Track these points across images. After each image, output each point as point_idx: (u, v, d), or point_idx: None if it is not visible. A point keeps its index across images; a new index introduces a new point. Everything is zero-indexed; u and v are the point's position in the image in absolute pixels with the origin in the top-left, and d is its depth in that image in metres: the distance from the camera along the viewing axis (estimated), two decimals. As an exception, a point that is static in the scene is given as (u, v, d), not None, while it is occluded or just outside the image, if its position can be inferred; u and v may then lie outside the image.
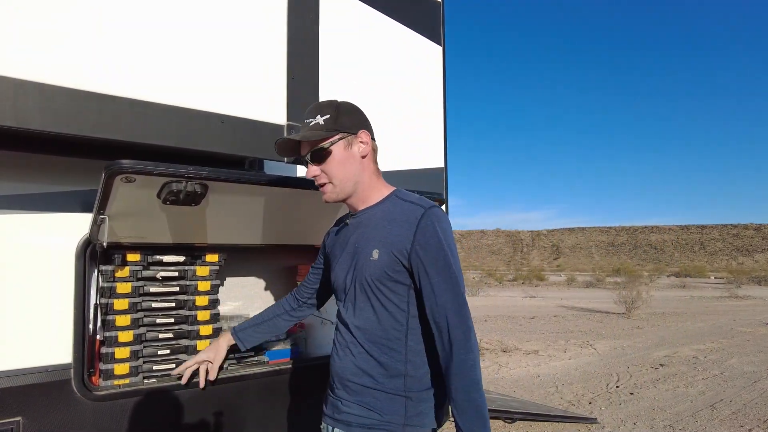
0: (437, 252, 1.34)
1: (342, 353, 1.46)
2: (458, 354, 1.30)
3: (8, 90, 1.33)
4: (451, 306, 1.32)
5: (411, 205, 1.41)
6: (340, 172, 1.42)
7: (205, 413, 1.93)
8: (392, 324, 1.38)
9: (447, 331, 1.32)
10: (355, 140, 1.45)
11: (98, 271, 1.85)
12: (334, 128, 1.41)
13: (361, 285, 1.40)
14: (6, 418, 1.58)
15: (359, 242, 1.44)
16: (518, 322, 13.11)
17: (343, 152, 1.43)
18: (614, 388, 6.41)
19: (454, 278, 1.35)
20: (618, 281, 27.24)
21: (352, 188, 1.45)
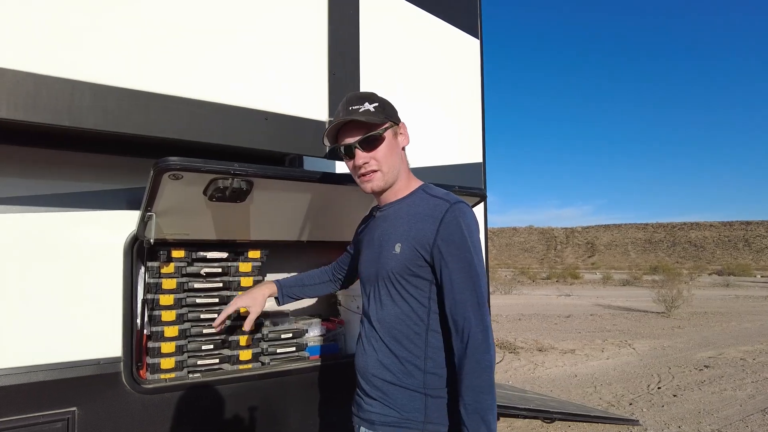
0: (460, 248, 1.31)
1: (365, 347, 1.47)
2: (473, 354, 1.27)
3: (65, 90, 1.37)
4: (470, 304, 1.29)
5: (436, 200, 1.39)
6: (390, 160, 1.42)
7: (248, 407, 1.96)
8: (413, 319, 1.37)
9: (464, 330, 1.29)
10: (399, 130, 1.47)
11: (145, 268, 1.89)
12: (384, 115, 1.40)
13: (384, 279, 1.40)
14: (62, 408, 1.64)
15: (384, 236, 1.43)
16: (553, 321, 12.86)
17: (392, 141, 1.43)
18: (656, 389, 6.21)
19: (476, 276, 1.32)
20: (656, 279, 26.41)
21: (395, 178, 1.44)
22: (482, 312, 1.30)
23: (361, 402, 1.46)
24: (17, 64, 1.34)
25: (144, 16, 1.57)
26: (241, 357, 2.02)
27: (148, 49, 1.57)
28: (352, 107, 1.39)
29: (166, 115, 1.54)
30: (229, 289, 2.03)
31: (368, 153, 1.40)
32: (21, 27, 1.35)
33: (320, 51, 1.92)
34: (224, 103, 1.66)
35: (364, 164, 1.41)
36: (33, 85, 1.34)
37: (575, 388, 6.31)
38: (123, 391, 1.74)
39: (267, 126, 1.75)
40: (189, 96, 1.59)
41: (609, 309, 16.09)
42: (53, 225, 1.70)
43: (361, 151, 1.40)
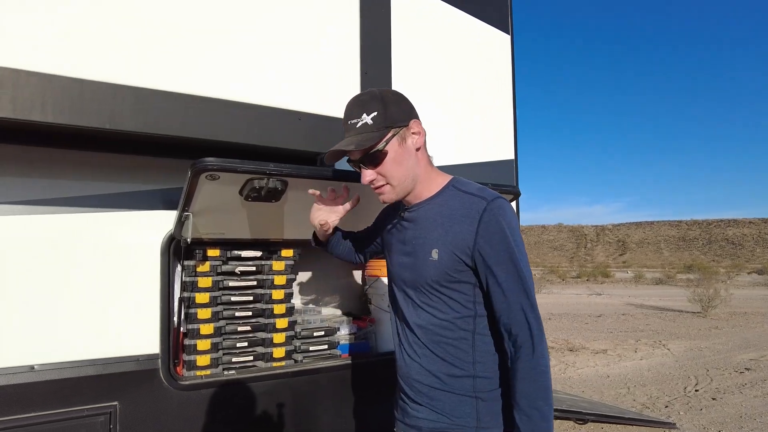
0: (503, 249, 1.22)
1: (406, 353, 1.39)
2: (527, 358, 1.19)
3: (107, 94, 1.40)
4: (521, 307, 1.21)
5: (471, 198, 1.27)
6: (398, 172, 1.30)
7: (281, 404, 1.98)
8: (458, 325, 1.29)
9: (517, 334, 1.21)
10: (408, 132, 1.31)
11: (181, 266, 1.93)
12: (384, 125, 1.26)
13: (423, 287, 1.31)
14: (105, 402, 1.69)
15: (417, 241, 1.33)
16: (584, 321, 12.61)
17: (398, 149, 1.29)
18: (693, 391, 6.02)
19: (523, 277, 1.23)
20: (691, 278, 25.62)
21: (411, 185, 1.33)
22: (534, 314, 1.22)
23: (406, 407, 1.38)
24: (64, 70, 1.39)
25: (181, 21, 1.60)
26: (275, 354, 2.05)
27: (185, 52, 1.60)
28: (350, 121, 1.29)
29: (202, 117, 1.57)
30: (263, 287, 2.06)
31: (374, 169, 1.30)
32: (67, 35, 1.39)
33: (352, 50, 1.92)
34: (258, 104, 1.68)
35: (371, 181, 1.32)
36: (78, 90, 1.38)
37: (608, 389, 6.18)
38: (161, 387, 1.78)
39: (300, 126, 1.76)
40: (225, 97, 1.62)
41: (641, 308, 15.69)
42: (94, 225, 1.75)
43: (365, 168, 1.30)
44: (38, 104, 1.31)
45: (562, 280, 34.98)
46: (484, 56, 2.63)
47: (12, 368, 1.60)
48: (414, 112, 1.34)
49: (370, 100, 1.28)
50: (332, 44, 1.90)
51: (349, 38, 1.92)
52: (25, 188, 1.68)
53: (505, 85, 2.73)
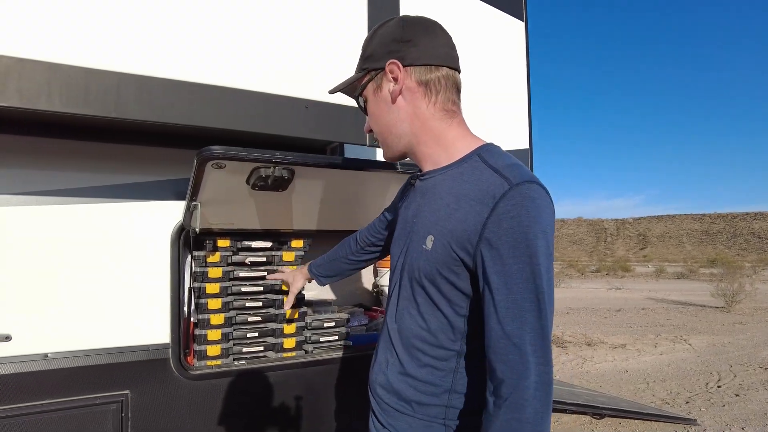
0: (517, 256, 0.85)
1: (377, 356, 1.15)
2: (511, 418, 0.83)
3: (112, 83, 1.40)
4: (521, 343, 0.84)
5: (493, 176, 0.91)
6: (375, 124, 1.10)
7: (292, 395, 1.98)
8: (439, 339, 0.99)
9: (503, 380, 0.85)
10: (385, 78, 1.03)
11: (191, 257, 1.94)
12: (362, 67, 1.07)
13: (409, 278, 1.04)
14: (116, 391, 1.70)
15: (417, 219, 1.05)
16: (603, 315, 12.45)
17: (372, 98, 1.07)
18: (715, 387, 5.89)
19: (539, 300, 0.85)
20: (714, 272, 25.06)
21: (398, 143, 1.06)
22: (539, 357, 0.84)
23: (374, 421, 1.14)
24: (70, 58, 1.39)
25: (185, 8, 1.59)
26: (285, 345, 2.04)
27: (189, 39, 1.59)
28: None
29: (207, 105, 1.56)
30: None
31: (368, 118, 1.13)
32: (72, 23, 1.40)
33: (360, 36, 1.89)
34: (265, 92, 1.67)
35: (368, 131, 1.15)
36: (83, 79, 1.39)
37: (626, 384, 6.08)
38: (171, 377, 1.79)
39: (307, 114, 1.74)
40: (230, 85, 1.61)
41: (662, 303, 15.42)
42: (104, 216, 1.76)
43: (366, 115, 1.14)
44: (44, 93, 1.31)
45: (581, 275, 34.57)
46: (497, 43, 2.58)
47: (26, 356, 1.62)
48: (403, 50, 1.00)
49: (371, 32, 1.08)
50: (340, 31, 1.88)
51: (357, 24, 1.90)
52: (36, 179, 1.70)
53: (519, 73, 2.67)
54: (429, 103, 1.02)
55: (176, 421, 1.79)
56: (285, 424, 1.98)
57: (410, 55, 1.00)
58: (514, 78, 2.64)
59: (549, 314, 0.87)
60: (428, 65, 1.01)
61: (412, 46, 1.00)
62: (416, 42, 1.01)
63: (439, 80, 1.02)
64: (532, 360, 0.84)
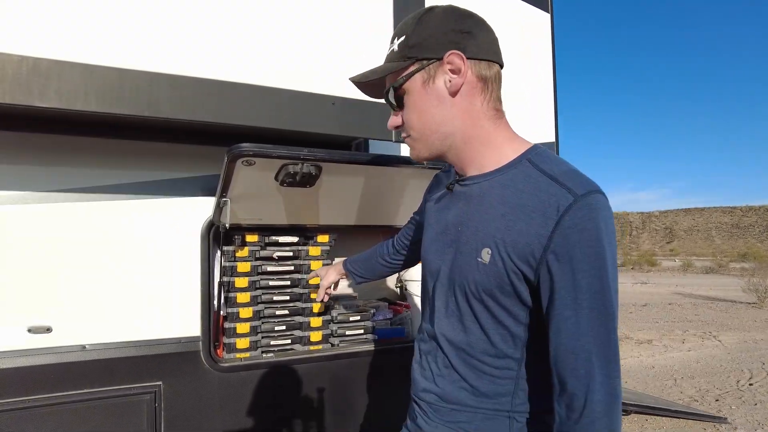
0: (587, 271, 0.82)
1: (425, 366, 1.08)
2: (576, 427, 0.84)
3: (144, 82, 1.44)
4: (592, 357, 0.83)
5: (551, 185, 0.87)
6: (417, 121, 0.97)
7: (318, 386, 2.01)
8: (501, 350, 0.95)
9: (575, 394, 0.84)
10: (441, 69, 0.94)
11: (221, 251, 1.98)
12: (408, 55, 0.94)
13: (462, 291, 0.97)
14: (150, 382, 1.76)
15: (463, 228, 0.98)
16: (628, 310, 12.24)
17: (420, 90, 0.95)
18: (747, 385, 5.75)
19: (608, 314, 0.84)
20: (745, 267, 24.39)
21: (442, 143, 0.98)
22: (610, 370, 0.83)
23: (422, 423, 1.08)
24: (104, 60, 1.43)
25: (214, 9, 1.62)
26: (312, 338, 2.08)
27: (218, 39, 1.62)
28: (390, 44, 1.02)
29: (236, 103, 1.59)
30: (300, 272, 2.08)
31: (398, 113, 1.01)
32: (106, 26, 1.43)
33: (386, 31, 1.89)
34: (292, 89, 1.69)
35: (395, 127, 1.03)
36: (117, 79, 1.42)
37: (653, 380, 5.98)
38: (202, 369, 1.84)
39: (334, 111, 1.76)
40: (258, 83, 1.63)
41: (690, 298, 15.08)
42: (137, 212, 1.81)
43: (393, 109, 1.02)
44: (81, 94, 1.36)
45: (606, 269, 33.97)
46: (523, 36, 2.55)
47: (66, 347, 1.69)
48: (464, 41, 0.93)
49: (410, 20, 0.97)
50: (365, 27, 1.88)
51: (382, 21, 1.90)
52: (76, 177, 1.76)
53: (545, 66, 2.64)
54: (483, 100, 0.96)
55: (207, 411, 1.84)
56: (311, 415, 2.01)
57: (471, 48, 0.93)
58: (540, 70, 2.61)
59: (616, 326, 0.85)
60: (488, 60, 0.96)
61: (472, 39, 0.94)
62: (475, 35, 0.95)
63: (494, 77, 0.98)
64: (601, 374, 0.83)
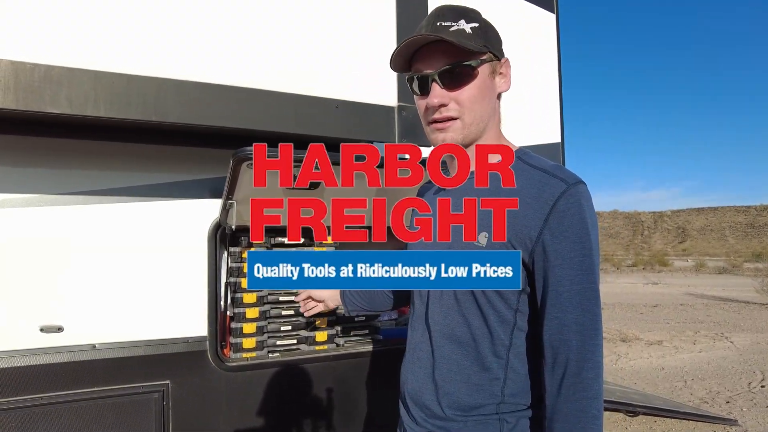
0: (578, 250, 0.94)
1: (417, 364, 1.12)
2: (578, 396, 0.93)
3: (151, 88, 1.47)
4: (583, 329, 0.94)
5: (544, 177, 0.98)
6: (478, 106, 1.02)
7: (324, 386, 2.04)
8: (492, 338, 1.01)
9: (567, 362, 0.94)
10: (499, 68, 1.06)
11: (227, 253, 2.01)
12: (484, 43, 1.01)
13: None
14: (157, 380, 1.79)
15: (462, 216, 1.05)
16: (639, 311, 12.14)
17: (486, 80, 1.03)
18: (758, 387, 5.69)
19: (594, 291, 0.96)
20: (760, 267, 24.05)
21: (479, 133, 1.06)
22: (596, 342, 0.94)
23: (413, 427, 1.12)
24: (112, 66, 1.46)
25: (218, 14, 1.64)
26: (317, 338, 2.10)
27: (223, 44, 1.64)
28: (441, 23, 1.00)
29: (242, 107, 1.61)
30: (305, 274, 2.11)
31: (449, 91, 1.01)
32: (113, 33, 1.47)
33: (389, 35, 1.91)
34: (296, 93, 1.71)
35: (441, 106, 1.02)
36: (125, 85, 1.46)
37: (662, 381, 5.94)
38: (209, 368, 1.87)
39: (338, 114, 1.78)
40: (263, 87, 1.65)
41: (702, 298, 14.91)
42: (145, 214, 1.85)
43: (439, 86, 1.01)
44: (91, 99, 1.39)
45: (617, 269, 33.75)
46: (528, 36, 2.55)
47: (76, 346, 1.73)
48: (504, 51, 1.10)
49: (470, 11, 1.04)
50: (369, 31, 1.90)
51: (385, 24, 1.92)
52: (83, 180, 1.79)
53: (551, 65, 2.64)
54: (501, 107, 1.12)
55: (214, 410, 1.87)
56: (316, 415, 2.04)
57: None
58: (545, 71, 2.61)
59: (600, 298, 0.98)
60: None
61: None
62: None
63: None
64: (592, 343, 0.94)
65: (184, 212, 1.90)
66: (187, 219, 1.90)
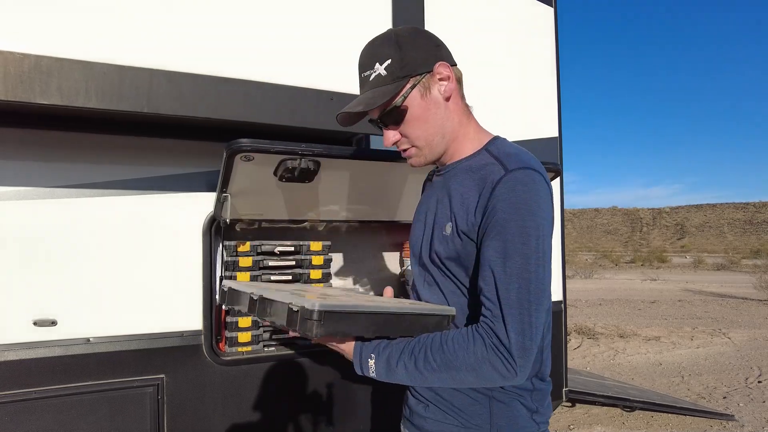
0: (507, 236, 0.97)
1: None
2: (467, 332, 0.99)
3: (143, 79, 1.46)
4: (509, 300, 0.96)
5: (493, 164, 1.04)
6: (423, 130, 1.09)
7: (319, 380, 2.03)
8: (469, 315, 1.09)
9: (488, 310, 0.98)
10: (433, 80, 1.08)
11: (223, 246, 2.00)
12: (401, 75, 1.05)
13: (434, 264, 1.13)
14: (153, 374, 1.79)
15: (437, 209, 1.15)
16: (637, 307, 12.16)
17: (421, 103, 1.07)
18: (756, 383, 5.70)
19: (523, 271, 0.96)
20: (758, 264, 24.10)
21: (442, 144, 1.12)
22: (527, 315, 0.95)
23: (411, 404, 1.22)
24: (104, 57, 1.45)
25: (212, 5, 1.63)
26: (313, 333, 2.09)
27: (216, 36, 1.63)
28: (363, 73, 1.10)
29: (235, 99, 1.60)
30: (302, 267, 2.10)
31: (395, 129, 1.10)
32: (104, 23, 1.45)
33: (385, 25, 1.89)
34: (291, 85, 1.70)
35: (395, 143, 1.13)
36: (117, 76, 1.44)
37: (660, 377, 5.95)
38: (204, 362, 1.86)
39: (333, 106, 1.76)
40: (257, 79, 1.64)
41: (700, 295, 14.94)
42: (139, 207, 1.84)
43: (386, 128, 1.11)
44: (82, 91, 1.37)
45: (615, 265, 33.79)
46: (526, 30, 2.54)
47: (70, 340, 1.72)
48: (441, 52, 1.10)
49: (383, 44, 1.08)
50: (363, 22, 1.88)
51: (381, 14, 1.90)
52: (76, 172, 1.78)
53: (548, 60, 2.62)
54: (461, 98, 1.14)
55: (209, 403, 1.86)
56: (312, 408, 2.03)
57: (446, 56, 1.11)
58: (543, 65, 2.60)
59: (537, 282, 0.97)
60: (455, 64, 1.13)
61: (443, 50, 1.11)
62: (441, 46, 1.12)
63: (461, 77, 1.15)
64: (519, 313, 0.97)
65: (179, 206, 1.88)
66: (181, 212, 1.89)
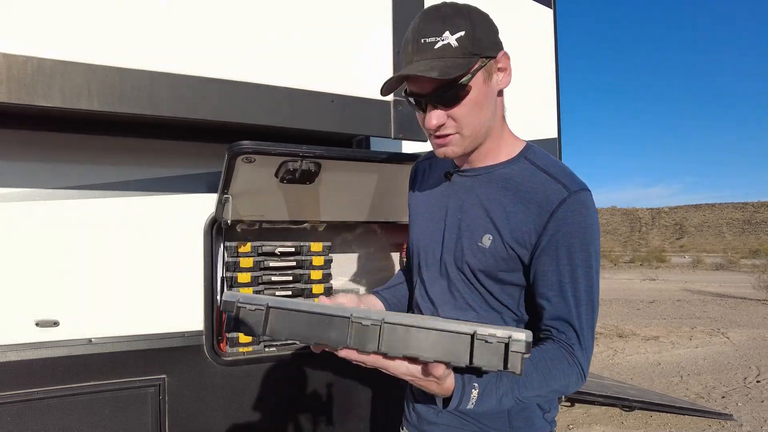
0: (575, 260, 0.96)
1: None
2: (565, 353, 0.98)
3: (144, 81, 1.46)
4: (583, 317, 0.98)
5: (549, 181, 0.98)
6: (476, 118, 0.98)
7: (320, 380, 2.04)
8: None
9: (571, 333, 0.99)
10: (495, 67, 0.99)
11: (224, 247, 2.01)
12: (472, 51, 0.94)
13: (466, 277, 1.06)
14: (154, 375, 1.80)
15: (466, 215, 1.06)
16: (636, 306, 12.18)
17: (482, 87, 0.97)
18: (754, 382, 5.72)
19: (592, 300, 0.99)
20: (757, 264, 24.13)
21: (483, 138, 1.03)
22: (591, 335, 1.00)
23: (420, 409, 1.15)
24: (106, 59, 1.45)
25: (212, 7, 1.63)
26: (314, 333, 2.10)
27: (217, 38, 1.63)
28: (425, 39, 0.94)
29: (236, 101, 1.61)
30: (302, 268, 2.11)
31: (445, 110, 0.97)
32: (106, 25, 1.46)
33: (385, 29, 1.90)
34: (291, 87, 1.71)
35: (439, 126, 0.99)
36: (119, 78, 1.45)
37: (659, 377, 5.97)
38: (205, 363, 1.87)
39: (333, 108, 1.77)
40: (258, 81, 1.65)
41: (699, 294, 14.97)
42: (141, 208, 1.84)
43: (434, 107, 0.98)
44: (84, 93, 1.38)
45: (614, 265, 33.83)
46: (525, 31, 2.55)
47: (72, 340, 1.73)
48: (501, 41, 1.01)
49: (455, 14, 0.95)
50: (364, 25, 1.89)
51: (381, 17, 1.90)
52: (79, 174, 1.79)
53: (547, 61, 2.63)
54: (504, 100, 1.07)
55: (210, 404, 1.87)
56: (313, 409, 2.04)
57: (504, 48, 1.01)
58: (542, 66, 2.61)
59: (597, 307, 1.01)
60: None
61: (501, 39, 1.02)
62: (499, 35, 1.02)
63: None
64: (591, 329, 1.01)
65: (180, 207, 1.89)
66: (182, 213, 1.90)
